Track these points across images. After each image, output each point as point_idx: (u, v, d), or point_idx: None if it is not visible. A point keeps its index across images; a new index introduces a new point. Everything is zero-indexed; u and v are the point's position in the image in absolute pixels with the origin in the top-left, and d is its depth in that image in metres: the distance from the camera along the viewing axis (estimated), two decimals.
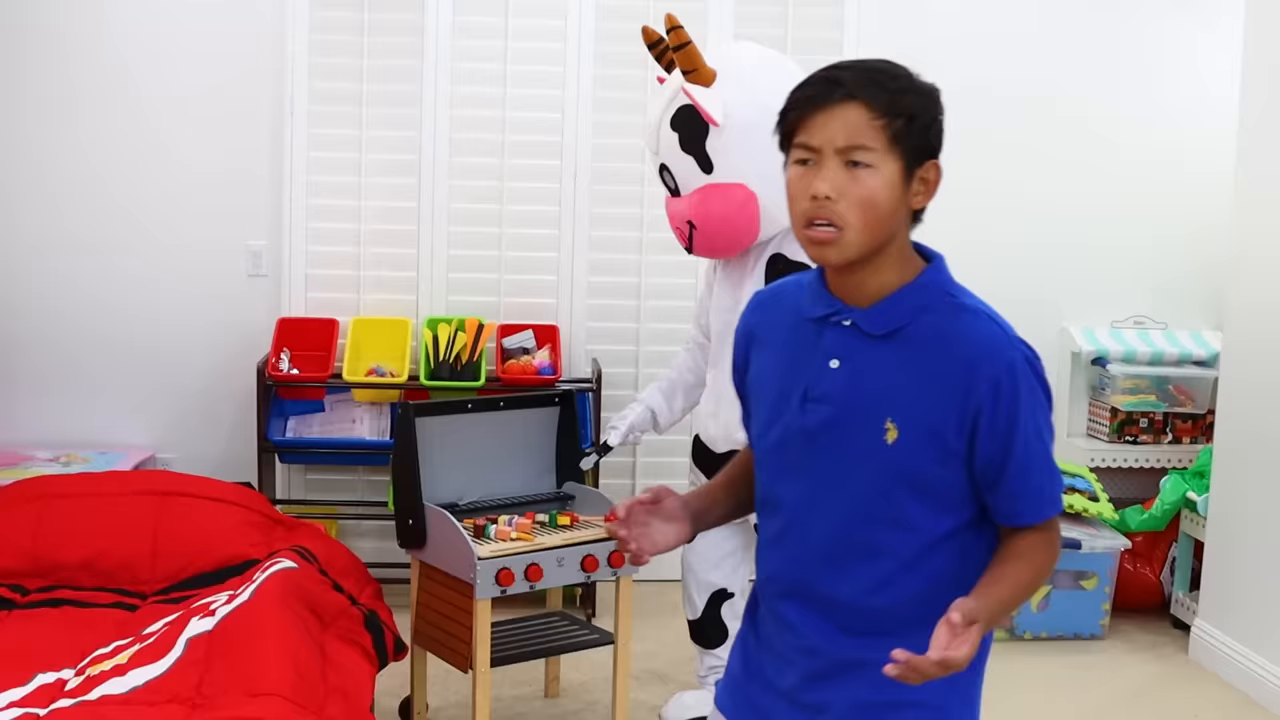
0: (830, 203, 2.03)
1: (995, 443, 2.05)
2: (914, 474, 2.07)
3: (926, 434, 2.06)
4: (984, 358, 2.05)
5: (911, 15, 5.66)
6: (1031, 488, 2.08)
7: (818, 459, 2.13)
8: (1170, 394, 5.71)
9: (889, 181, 2.04)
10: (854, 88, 2.03)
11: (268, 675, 3.23)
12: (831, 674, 2.17)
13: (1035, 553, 2.09)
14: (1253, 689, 4.72)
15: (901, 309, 2.10)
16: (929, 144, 2.09)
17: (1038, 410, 2.08)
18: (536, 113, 5.48)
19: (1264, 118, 4.82)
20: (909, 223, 2.13)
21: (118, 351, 5.49)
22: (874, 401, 2.08)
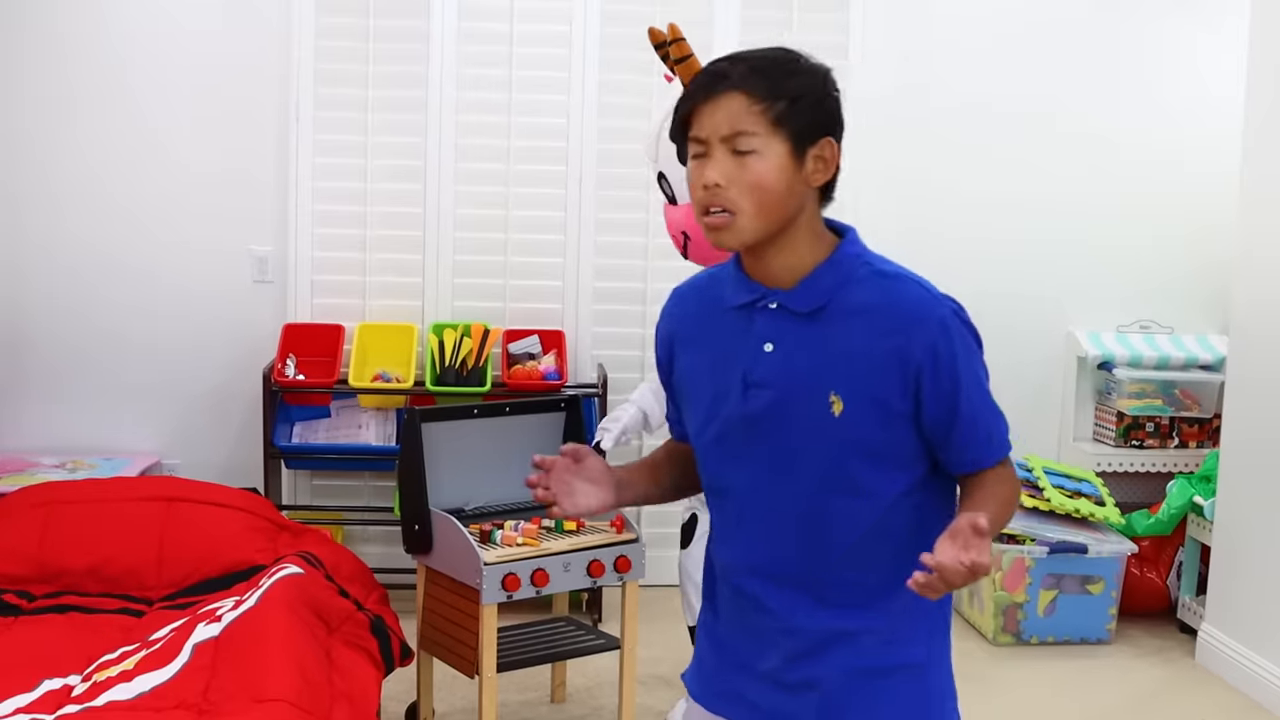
0: (721, 190, 2.07)
1: (941, 401, 2.10)
2: (864, 441, 2.12)
3: (870, 402, 2.10)
4: (916, 320, 2.09)
5: (916, 18, 5.67)
6: (980, 435, 2.14)
7: (765, 442, 2.17)
8: (1176, 398, 5.71)
9: (776, 164, 2.07)
10: (735, 78, 2.07)
11: (274, 681, 3.23)
12: (815, 650, 2.20)
13: (999, 486, 2.15)
14: (1259, 693, 4.71)
15: (824, 284, 2.14)
16: (818, 122, 2.10)
17: (973, 359, 2.14)
18: (542, 118, 5.49)
19: (1269, 119, 4.81)
20: (817, 201, 2.16)
21: (124, 358, 5.50)
22: (814, 378, 2.12)
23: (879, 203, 5.54)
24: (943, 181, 5.69)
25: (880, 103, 5.59)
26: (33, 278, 5.44)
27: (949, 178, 5.70)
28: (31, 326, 5.45)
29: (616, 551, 3.96)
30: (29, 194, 5.41)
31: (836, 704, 2.20)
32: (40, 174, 5.41)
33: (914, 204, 5.66)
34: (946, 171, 5.69)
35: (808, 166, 2.10)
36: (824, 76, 2.13)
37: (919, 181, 5.67)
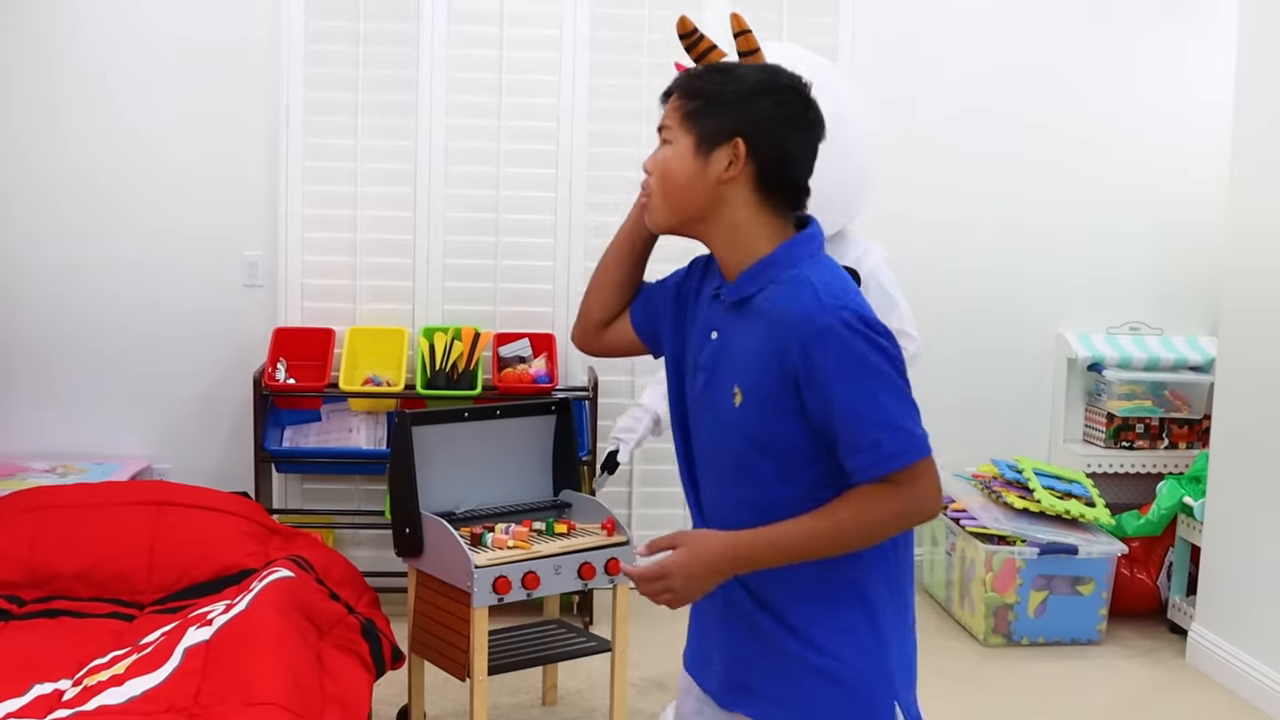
0: (647, 176, 2.34)
1: (818, 402, 2.18)
2: (756, 434, 2.24)
3: (761, 397, 2.23)
4: (796, 323, 2.18)
5: (906, 23, 5.68)
6: (865, 442, 2.16)
7: (702, 422, 2.37)
8: (1166, 399, 5.72)
9: (680, 154, 2.27)
10: (676, 82, 2.33)
11: (265, 685, 3.23)
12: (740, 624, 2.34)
13: (859, 502, 2.19)
14: (1250, 693, 4.72)
15: (754, 281, 2.27)
16: (728, 123, 2.24)
17: (864, 370, 2.15)
18: (532, 121, 5.49)
19: (1257, 123, 4.83)
20: (754, 199, 2.28)
21: (114, 362, 5.49)
22: (729, 368, 2.29)
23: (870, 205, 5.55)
24: (933, 184, 5.70)
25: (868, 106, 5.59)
26: (23, 280, 5.43)
27: (939, 181, 5.71)
28: (21, 331, 5.44)
29: (607, 554, 3.96)
30: (18, 198, 5.40)
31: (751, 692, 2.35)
32: (29, 177, 5.39)
33: (903, 206, 5.67)
34: (936, 175, 5.71)
35: (716, 162, 2.25)
36: (750, 84, 2.26)
37: (909, 184, 5.67)
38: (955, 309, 5.75)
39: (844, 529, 2.18)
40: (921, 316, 3.88)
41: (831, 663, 2.25)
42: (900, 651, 2.32)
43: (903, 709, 2.29)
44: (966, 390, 5.75)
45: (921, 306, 3.84)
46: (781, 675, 2.29)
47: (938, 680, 4.85)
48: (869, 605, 2.27)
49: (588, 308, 2.58)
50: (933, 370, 5.47)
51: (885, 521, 2.20)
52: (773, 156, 2.25)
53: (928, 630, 5.36)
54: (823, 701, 2.26)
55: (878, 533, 2.21)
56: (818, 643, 2.26)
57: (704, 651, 2.45)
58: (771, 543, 2.19)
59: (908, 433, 2.16)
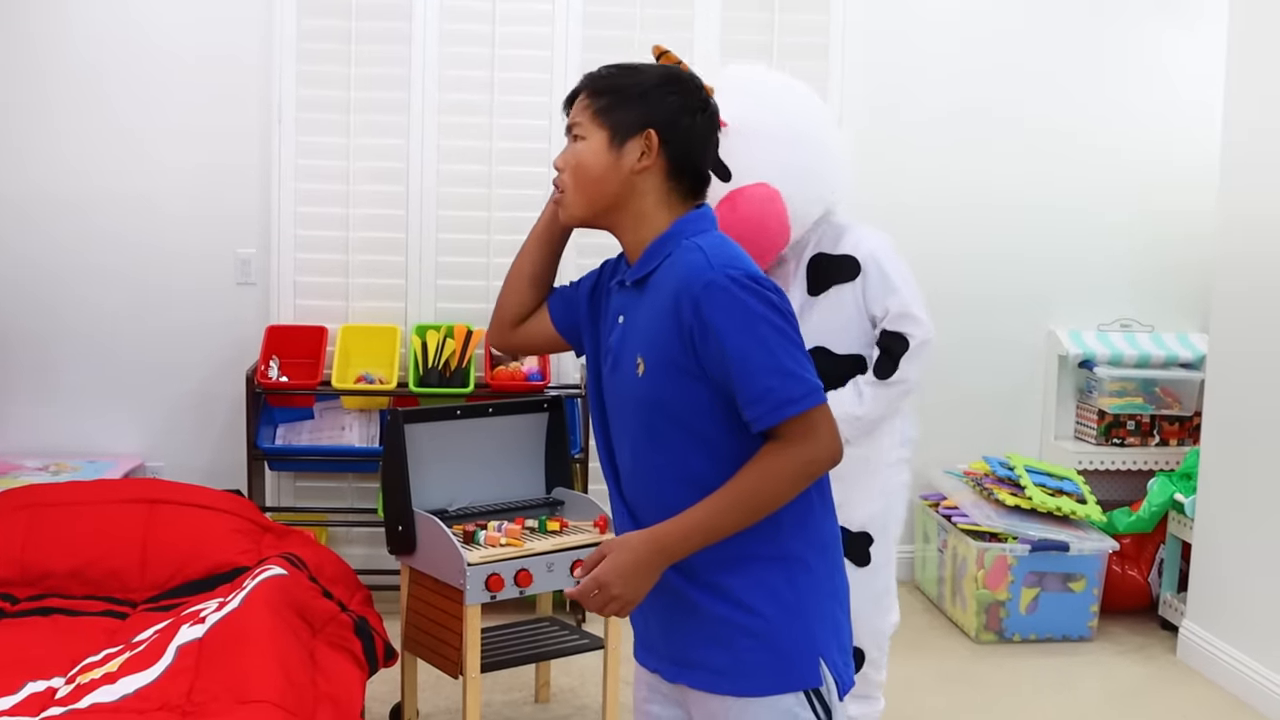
0: (559, 172, 2.45)
1: (713, 357, 2.24)
2: (661, 400, 2.31)
3: (660, 362, 2.30)
4: (685, 283, 2.26)
5: (897, 21, 5.68)
6: (759, 391, 2.22)
7: (613, 402, 2.44)
8: (1157, 396, 5.74)
9: (592, 149, 2.38)
10: (582, 83, 2.44)
11: (257, 682, 3.23)
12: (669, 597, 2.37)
13: (761, 462, 2.24)
14: (1240, 689, 4.73)
15: (652, 258, 2.37)
16: (638, 116, 2.36)
17: (752, 320, 2.22)
18: (524, 120, 5.49)
19: (1247, 120, 4.84)
20: (661, 185, 2.39)
21: (107, 360, 5.49)
22: (632, 343, 2.37)
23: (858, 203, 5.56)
24: (923, 182, 5.71)
25: (859, 104, 5.61)
26: (14, 280, 5.43)
27: (929, 178, 5.72)
28: (14, 329, 5.44)
29: None
30: (9, 198, 5.40)
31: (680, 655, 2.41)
32: (22, 176, 5.39)
33: (894, 203, 5.68)
34: (926, 172, 5.71)
35: (628, 154, 2.36)
36: (660, 79, 2.40)
37: (900, 181, 5.69)
38: (946, 306, 5.72)
39: (752, 494, 2.23)
40: None
41: (754, 620, 2.30)
42: (826, 612, 2.36)
43: (829, 666, 2.33)
44: (958, 387, 5.76)
45: None
46: (711, 639, 2.34)
47: (929, 677, 4.86)
48: (788, 564, 2.32)
49: (503, 304, 2.68)
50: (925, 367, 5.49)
51: (789, 474, 2.24)
52: (681, 146, 2.37)
53: (919, 627, 5.38)
54: (748, 660, 2.31)
55: (786, 488, 2.25)
56: (742, 602, 2.30)
57: (645, 634, 2.50)
58: (691, 526, 2.24)
59: (799, 379, 2.22)
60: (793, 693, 2.30)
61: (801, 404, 2.21)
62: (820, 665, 2.31)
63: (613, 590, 2.22)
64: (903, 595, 5.49)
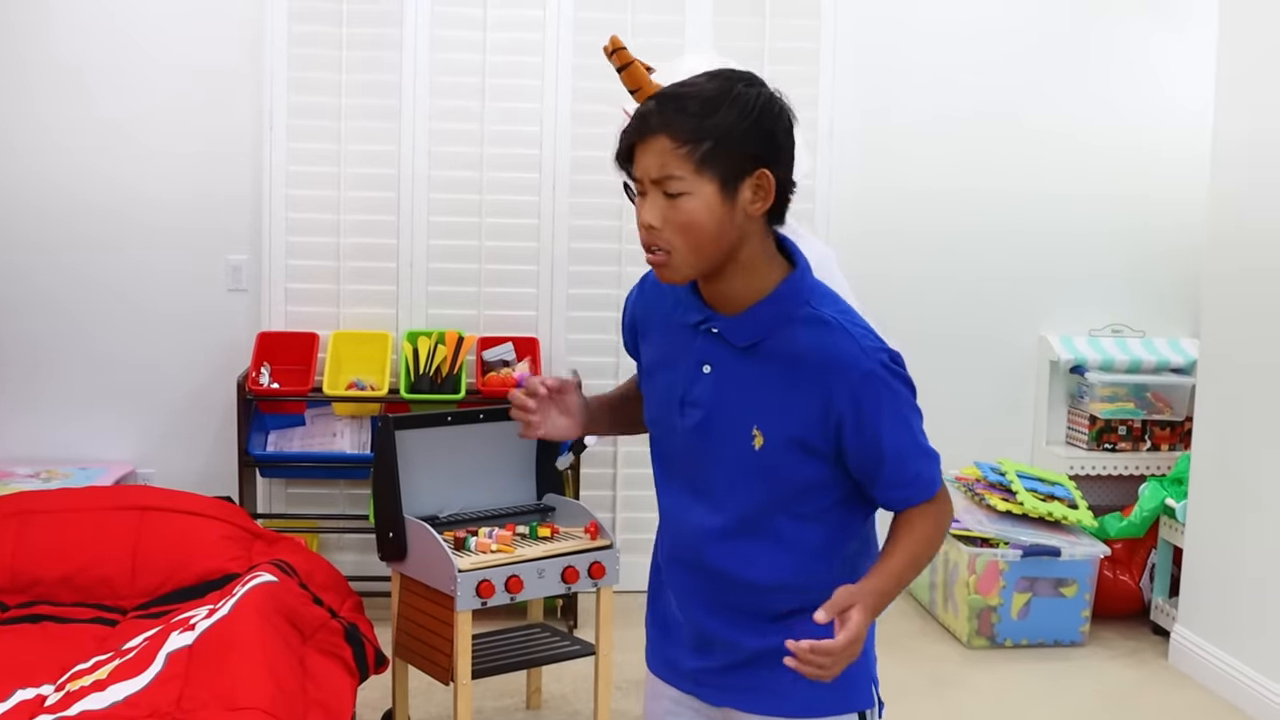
0: (656, 231, 2.12)
1: (865, 446, 2.17)
2: (778, 474, 2.20)
3: (789, 441, 2.18)
4: (840, 371, 2.14)
5: (886, 25, 5.69)
6: (909, 476, 2.21)
7: (695, 455, 2.28)
8: (1148, 401, 5.74)
9: (706, 204, 2.09)
10: (657, 121, 2.09)
11: (247, 689, 3.23)
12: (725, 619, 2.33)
13: (923, 523, 2.23)
14: (1232, 694, 4.74)
15: (762, 321, 2.19)
16: (747, 156, 2.10)
17: (901, 407, 2.19)
18: (515, 125, 5.50)
19: (1238, 124, 4.85)
20: (763, 229, 2.18)
21: (98, 367, 5.49)
22: (741, 408, 2.21)
23: (851, 208, 5.58)
24: (913, 187, 5.72)
25: (850, 108, 5.62)
26: (5, 289, 5.42)
27: (919, 183, 5.73)
28: (5, 337, 5.43)
29: (591, 558, 3.97)
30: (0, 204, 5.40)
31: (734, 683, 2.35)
32: (11, 182, 5.39)
33: (887, 209, 5.69)
34: (916, 177, 5.72)
35: (742, 199, 2.11)
36: (755, 107, 2.10)
37: (892, 187, 5.70)
38: (937, 312, 5.76)
39: (921, 556, 2.24)
40: (903, 320, 3.92)
41: None
42: (872, 633, 2.35)
43: (876, 688, 2.36)
44: (949, 393, 5.76)
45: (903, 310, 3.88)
46: (768, 666, 2.28)
47: (921, 683, 4.86)
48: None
49: None
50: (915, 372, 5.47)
51: (938, 537, 2.27)
52: (786, 174, 2.15)
53: (911, 633, 5.38)
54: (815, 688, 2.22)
55: (937, 548, 2.29)
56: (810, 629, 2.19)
57: (673, 654, 2.44)
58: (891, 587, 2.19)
59: (935, 456, 2.25)
60: (847, 714, 2.31)
61: (939, 483, 2.25)
62: (873, 689, 2.33)
63: (856, 650, 2.07)
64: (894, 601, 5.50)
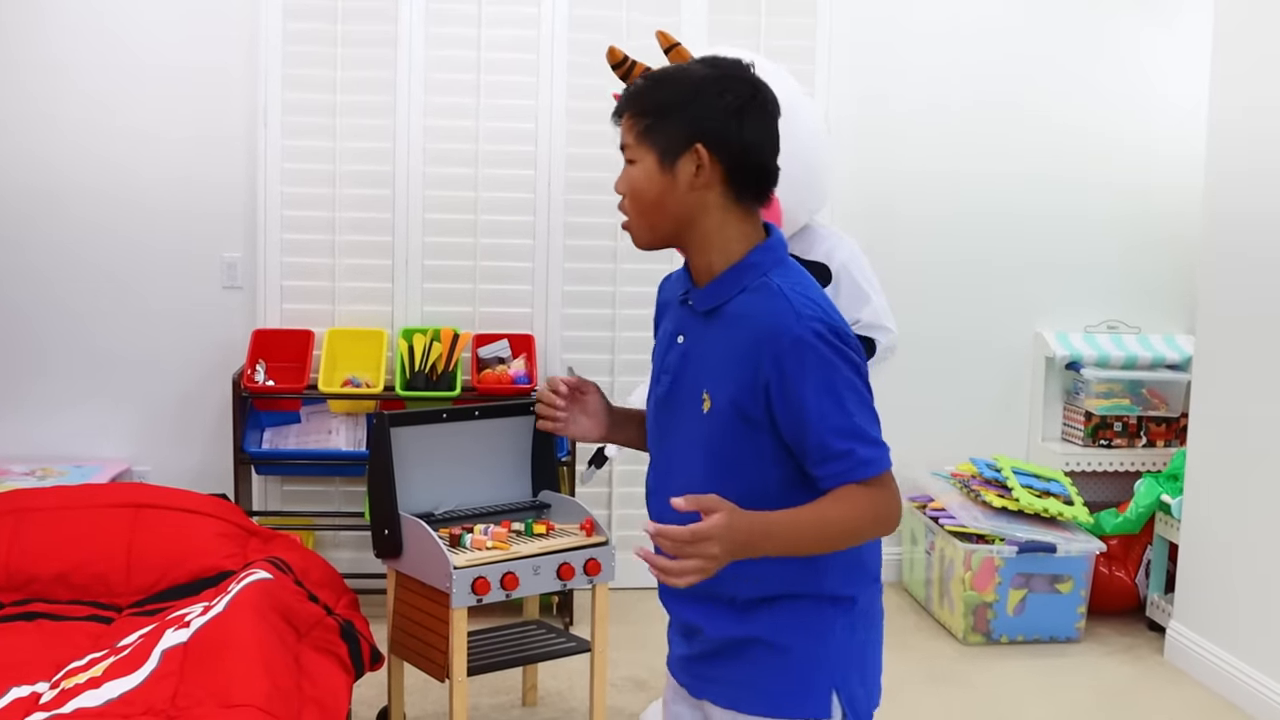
0: (621, 198, 2.35)
1: (789, 413, 2.19)
2: (722, 441, 2.26)
3: (730, 404, 2.24)
4: (769, 334, 2.19)
5: (882, 24, 5.69)
6: (837, 450, 2.18)
7: (663, 425, 2.40)
8: (1144, 397, 5.75)
9: (646, 172, 2.27)
10: (622, 101, 2.32)
11: (242, 686, 3.22)
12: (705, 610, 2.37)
13: (849, 500, 2.19)
14: (1227, 690, 4.74)
15: (723, 288, 2.28)
16: (683, 132, 2.24)
17: (832, 378, 2.18)
18: (510, 123, 5.49)
19: (1232, 120, 4.85)
20: (726, 204, 2.28)
21: (93, 364, 5.48)
22: (697, 373, 2.31)
23: (847, 204, 5.57)
24: (908, 184, 5.71)
25: (845, 107, 5.62)
26: (1, 283, 5.41)
27: (914, 180, 5.73)
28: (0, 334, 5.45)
29: (586, 554, 3.96)
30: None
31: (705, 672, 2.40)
32: (6, 180, 5.38)
33: (881, 206, 5.69)
34: (912, 174, 5.72)
35: (683, 172, 2.24)
36: (696, 86, 2.24)
37: (886, 183, 5.70)
38: (933, 308, 5.76)
39: (832, 526, 2.19)
40: (899, 316, 3.90)
41: (777, 646, 2.30)
42: (854, 644, 2.34)
43: (841, 698, 2.31)
44: (945, 389, 5.77)
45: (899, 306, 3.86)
46: (734, 657, 2.33)
47: (917, 679, 4.86)
48: (827, 604, 2.30)
49: None
50: (911, 369, 5.51)
51: (865, 522, 2.21)
52: (734, 151, 2.24)
53: (907, 629, 5.38)
54: (766, 679, 2.30)
55: (858, 533, 2.23)
56: (773, 631, 2.29)
57: (670, 639, 2.51)
58: (775, 528, 2.15)
59: (875, 442, 2.20)
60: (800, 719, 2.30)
61: (878, 466, 2.19)
62: (832, 697, 2.30)
63: (714, 549, 2.06)
64: (890, 597, 5.51)
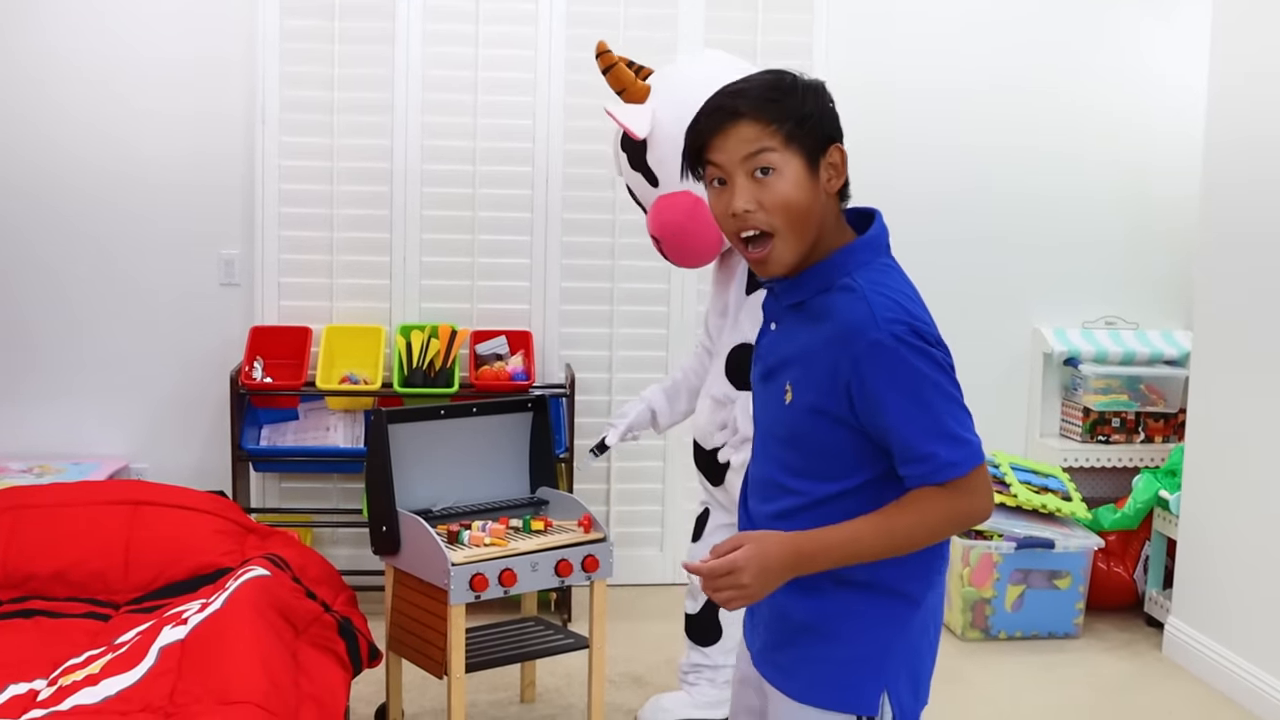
0: (751, 215, 2.22)
1: (872, 416, 2.19)
2: (804, 434, 2.27)
3: (810, 401, 2.25)
4: (849, 337, 2.18)
5: (879, 20, 5.69)
6: (920, 453, 2.18)
7: (759, 411, 2.43)
8: (1142, 393, 5.74)
9: (796, 180, 2.22)
10: (743, 108, 2.22)
11: (240, 683, 3.22)
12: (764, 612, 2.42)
13: (922, 503, 2.20)
14: (1226, 685, 4.74)
15: (808, 284, 2.28)
16: (825, 133, 2.26)
17: (914, 381, 2.17)
18: (508, 119, 5.49)
19: (1230, 117, 4.85)
20: (837, 209, 2.32)
21: (90, 362, 5.48)
22: (782, 364, 2.33)
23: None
24: (905, 180, 5.70)
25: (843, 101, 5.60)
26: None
27: (911, 176, 5.72)
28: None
29: (584, 551, 3.96)
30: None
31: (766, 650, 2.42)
32: (4, 176, 5.38)
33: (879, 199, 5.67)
34: (908, 170, 5.71)
35: (824, 176, 2.25)
36: (821, 90, 2.29)
37: (883, 177, 5.68)
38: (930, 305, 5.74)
39: (902, 531, 2.20)
40: None
41: (830, 636, 2.30)
42: (908, 644, 2.34)
43: (893, 700, 2.31)
44: None
45: None
46: (790, 642, 2.34)
47: None
48: (881, 594, 2.29)
49: None
50: None
51: (939, 525, 2.22)
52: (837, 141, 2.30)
53: None
54: (816, 670, 2.31)
55: (932, 535, 2.24)
56: (827, 619, 2.30)
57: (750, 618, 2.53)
58: (833, 542, 2.20)
59: (963, 441, 2.19)
60: (845, 714, 2.30)
61: (963, 467, 2.18)
62: (882, 697, 2.30)
63: (743, 579, 2.14)
64: None
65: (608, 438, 4.20)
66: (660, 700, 4.35)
